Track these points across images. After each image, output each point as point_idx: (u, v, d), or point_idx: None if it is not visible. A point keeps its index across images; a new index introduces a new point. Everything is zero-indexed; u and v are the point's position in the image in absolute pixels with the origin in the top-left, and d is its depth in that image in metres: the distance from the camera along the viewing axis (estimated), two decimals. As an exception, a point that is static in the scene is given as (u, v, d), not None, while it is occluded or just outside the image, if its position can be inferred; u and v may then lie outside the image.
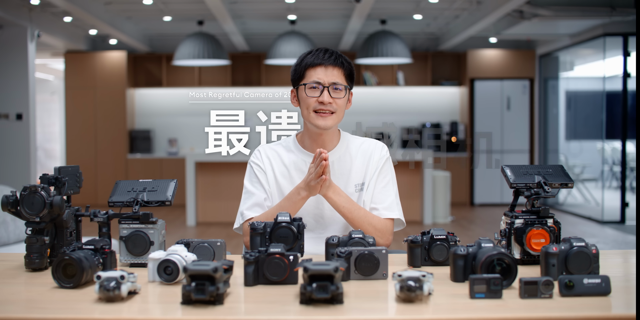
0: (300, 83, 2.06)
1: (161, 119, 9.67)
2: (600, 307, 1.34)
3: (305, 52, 2.12)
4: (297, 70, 2.09)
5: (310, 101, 2.03)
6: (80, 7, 6.57)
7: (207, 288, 1.32)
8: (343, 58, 2.07)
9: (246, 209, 2.05)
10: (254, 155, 2.16)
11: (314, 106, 2.02)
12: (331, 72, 2.03)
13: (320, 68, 2.03)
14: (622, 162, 7.86)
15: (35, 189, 1.65)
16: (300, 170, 2.08)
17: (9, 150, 7.11)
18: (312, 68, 2.04)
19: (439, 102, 9.68)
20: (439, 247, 1.73)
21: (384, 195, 2.07)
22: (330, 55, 2.05)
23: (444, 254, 1.73)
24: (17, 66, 7.13)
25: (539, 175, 1.81)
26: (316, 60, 2.04)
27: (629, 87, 7.46)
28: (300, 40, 7.62)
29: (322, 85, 2.02)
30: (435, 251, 1.73)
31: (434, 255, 1.73)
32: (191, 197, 7.28)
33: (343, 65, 2.05)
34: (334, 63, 2.03)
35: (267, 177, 2.09)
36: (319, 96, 2.01)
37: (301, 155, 2.10)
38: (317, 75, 2.03)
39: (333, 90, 2.02)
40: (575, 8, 6.84)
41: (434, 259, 1.73)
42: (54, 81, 11.76)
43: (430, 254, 1.73)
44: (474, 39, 9.04)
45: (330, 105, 2.02)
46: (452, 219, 7.70)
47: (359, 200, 2.08)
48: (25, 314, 1.31)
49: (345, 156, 2.10)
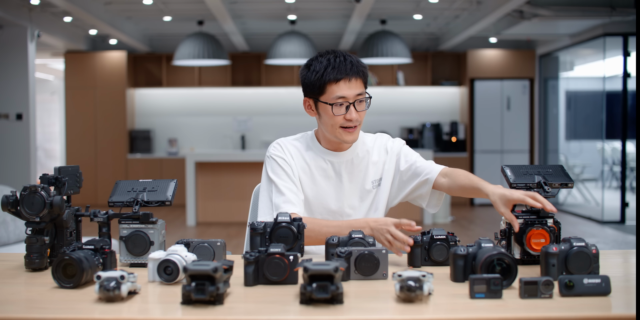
0: (322, 99, 1.96)
1: (161, 119, 9.67)
2: (600, 307, 1.34)
3: (319, 59, 1.97)
4: (315, 84, 1.95)
5: (337, 119, 1.94)
6: (80, 7, 6.58)
7: (207, 288, 1.32)
8: (360, 64, 1.96)
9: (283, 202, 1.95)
10: (274, 148, 2.06)
11: (342, 123, 1.95)
12: (354, 84, 1.93)
13: (343, 82, 1.92)
14: (622, 162, 7.86)
15: (35, 189, 1.65)
16: (320, 167, 2.05)
17: (9, 150, 7.11)
18: (334, 83, 1.92)
19: (439, 102, 9.68)
20: (439, 247, 1.73)
21: (425, 163, 2.07)
22: (350, 65, 1.93)
23: (444, 254, 1.73)
24: (17, 66, 7.14)
25: (539, 175, 1.81)
26: (339, 75, 1.92)
27: (629, 87, 7.46)
28: (300, 40, 7.62)
29: (347, 101, 1.93)
30: (435, 251, 1.73)
31: (434, 255, 1.73)
32: (191, 197, 7.28)
33: (363, 73, 1.96)
34: (355, 74, 1.94)
35: (292, 170, 2.03)
36: (346, 113, 1.93)
37: (321, 154, 2.06)
38: (341, 90, 1.92)
39: (358, 104, 1.95)
40: (575, 8, 6.84)
41: (434, 259, 1.73)
42: (54, 81, 11.76)
43: (430, 254, 1.73)
44: (474, 39, 9.04)
45: (357, 119, 1.95)
46: (452, 219, 7.70)
47: (376, 198, 2.07)
48: (25, 314, 1.31)
49: (362, 153, 2.08)
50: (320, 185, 2.04)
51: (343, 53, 1.98)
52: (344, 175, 2.05)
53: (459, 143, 9.27)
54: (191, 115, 9.68)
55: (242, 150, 9.18)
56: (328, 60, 1.95)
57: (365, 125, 9.56)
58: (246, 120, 9.63)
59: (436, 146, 9.32)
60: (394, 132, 9.59)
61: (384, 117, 9.58)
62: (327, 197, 2.04)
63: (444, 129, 9.32)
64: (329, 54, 1.97)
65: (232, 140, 9.64)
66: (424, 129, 9.37)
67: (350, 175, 2.06)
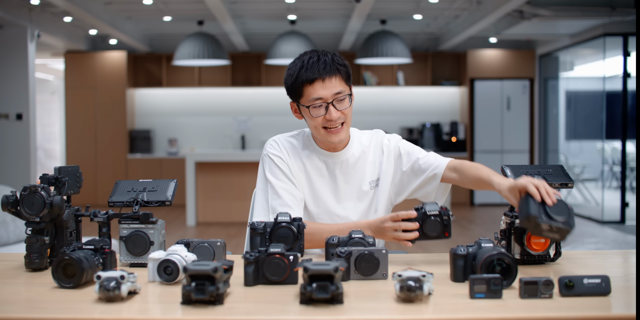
0: (301, 102, 1.92)
1: (161, 119, 9.67)
2: (600, 307, 1.34)
3: (295, 61, 1.94)
4: (293, 87, 1.92)
5: (317, 120, 1.90)
6: (80, 7, 6.58)
7: (207, 288, 1.32)
8: (336, 62, 1.91)
9: (280, 205, 1.92)
10: (270, 146, 2.02)
11: (323, 124, 1.91)
12: (329, 83, 1.88)
13: (317, 82, 1.87)
14: (622, 162, 7.86)
15: (35, 189, 1.65)
16: (315, 166, 2.01)
17: (9, 150, 7.11)
18: (309, 84, 1.88)
19: (439, 102, 9.68)
20: (433, 222, 1.72)
21: (429, 157, 2.01)
22: (324, 64, 1.88)
23: (438, 229, 1.72)
24: (17, 66, 7.14)
25: (539, 175, 1.81)
26: (312, 75, 1.87)
27: (629, 87, 7.46)
28: (300, 40, 7.62)
29: (325, 102, 1.89)
30: (429, 226, 1.72)
31: (427, 230, 1.72)
32: (191, 197, 7.28)
33: (339, 70, 1.90)
34: (330, 73, 1.88)
35: (290, 169, 1.99)
36: (326, 113, 1.89)
37: (316, 153, 2.02)
38: (317, 92, 1.88)
39: (338, 102, 1.90)
40: (575, 8, 6.84)
41: (427, 234, 1.72)
42: (54, 81, 11.76)
43: (424, 229, 1.72)
44: (474, 39, 9.04)
45: (339, 118, 1.91)
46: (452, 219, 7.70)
47: (374, 198, 2.03)
48: (25, 314, 1.31)
49: (358, 153, 2.03)
50: (316, 185, 2.01)
51: (319, 52, 1.93)
52: (338, 176, 2.01)
53: (459, 143, 9.27)
54: (191, 115, 9.68)
55: (242, 150, 9.18)
56: (302, 62, 1.91)
57: (366, 125, 9.55)
58: (246, 120, 9.63)
59: (436, 146, 9.32)
60: (394, 132, 9.59)
61: (384, 117, 9.58)
62: (324, 197, 2.00)
63: (444, 129, 9.32)
64: (305, 55, 1.94)
65: (232, 140, 9.64)
66: (424, 129, 9.38)
67: (346, 176, 2.01)
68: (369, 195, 2.02)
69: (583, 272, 1.53)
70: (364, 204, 2.02)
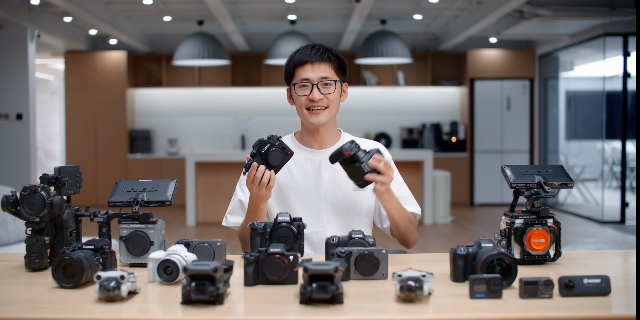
0: (293, 82, 2.07)
1: (161, 119, 9.67)
2: (600, 307, 1.34)
3: (295, 50, 2.11)
4: (287, 70, 2.09)
5: (301, 100, 2.03)
6: (80, 7, 6.58)
7: (207, 288, 1.32)
8: (330, 52, 2.06)
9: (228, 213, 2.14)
10: None
11: (306, 104, 2.03)
12: (319, 67, 2.02)
13: (307, 65, 2.03)
14: (622, 162, 7.86)
15: (35, 189, 1.64)
16: (300, 166, 2.07)
17: (9, 150, 7.11)
18: (300, 66, 2.03)
19: (439, 102, 9.68)
20: (273, 153, 1.83)
21: (403, 193, 2.07)
22: (317, 51, 2.04)
23: (280, 159, 1.85)
24: (17, 66, 7.14)
25: (539, 175, 1.80)
26: (303, 58, 2.03)
27: (629, 87, 7.46)
28: (300, 40, 7.62)
29: (310, 82, 2.02)
30: (271, 157, 1.83)
31: (270, 160, 1.85)
32: (191, 197, 7.28)
33: (330, 59, 2.04)
34: (320, 59, 2.03)
35: None
36: (309, 94, 2.02)
37: (301, 152, 2.09)
38: (305, 73, 2.02)
39: (323, 86, 2.02)
40: (575, 8, 6.84)
41: (271, 164, 1.85)
42: (54, 81, 11.76)
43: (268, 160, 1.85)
44: (474, 39, 9.04)
45: (322, 101, 2.02)
46: (452, 219, 7.70)
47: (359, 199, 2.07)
48: (25, 314, 1.31)
49: None
50: (299, 183, 2.06)
51: (318, 45, 2.08)
52: (323, 171, 2.06)
53: (459, 143, 9.27)
54: (191, 115, 9.68)
55: (242, 150, 9.18)
56: (299, 49, 2.09)
57: (366, 125, 9.57)
58: (246, 120, 9.64)
59: (436, 146, 9.32)
60: (394, 132, 9.60)
61: (384, 117, 9.58)
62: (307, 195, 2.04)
63: (444, 129, 9.32)
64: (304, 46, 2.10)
65: (232, 140, 9.65)
66: (424, 129, 9.38)
67: (332, 174, 2.05)
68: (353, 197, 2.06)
69: (583, 272, 1.53)
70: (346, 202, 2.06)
